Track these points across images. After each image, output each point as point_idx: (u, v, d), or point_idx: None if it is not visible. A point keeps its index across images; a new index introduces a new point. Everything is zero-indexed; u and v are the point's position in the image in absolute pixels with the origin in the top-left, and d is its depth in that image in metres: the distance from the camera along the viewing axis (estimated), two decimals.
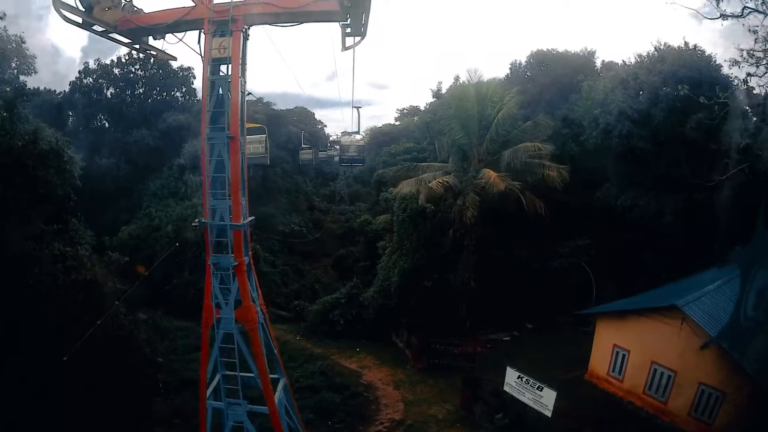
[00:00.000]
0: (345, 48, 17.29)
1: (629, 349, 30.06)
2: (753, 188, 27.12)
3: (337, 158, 61.51)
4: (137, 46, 18.78)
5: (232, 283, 18.70)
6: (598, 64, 56.74)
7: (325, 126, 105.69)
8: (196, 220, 19.70)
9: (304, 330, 44.99)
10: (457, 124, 39.69)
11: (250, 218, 19.22)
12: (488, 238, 38.56)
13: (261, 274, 48.02)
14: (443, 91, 68.85)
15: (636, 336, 29.68)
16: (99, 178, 57.10)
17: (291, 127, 77.86)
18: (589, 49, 57.59)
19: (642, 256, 37.46)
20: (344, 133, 66.52)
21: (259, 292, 20.71)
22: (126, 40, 18.13)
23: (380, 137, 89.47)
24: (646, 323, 28.56)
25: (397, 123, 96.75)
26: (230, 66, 16.96)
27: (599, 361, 32.13)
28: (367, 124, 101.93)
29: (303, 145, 56.66)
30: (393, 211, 43.93)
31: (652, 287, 32.34)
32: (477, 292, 38.16)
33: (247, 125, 19.52)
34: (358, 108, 36.11)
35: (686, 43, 38.26)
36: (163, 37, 18.18)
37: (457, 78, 62.92)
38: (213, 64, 17.06)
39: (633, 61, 41.48)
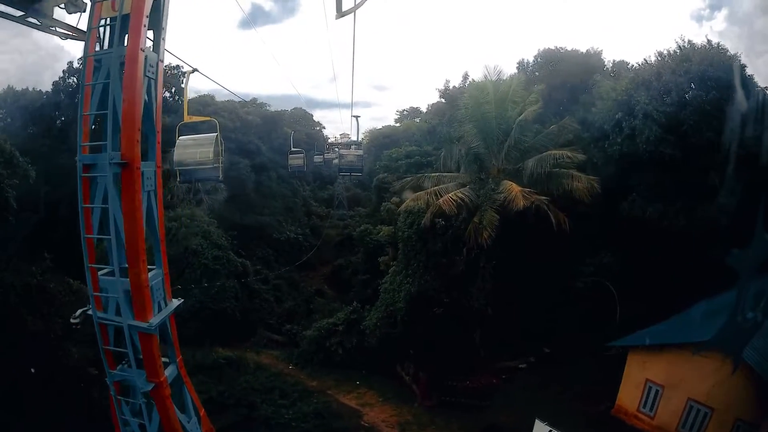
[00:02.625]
0: (340, 14, 11.24)
1: (663, 385, 26.80)
2: None
3: (336, 160, 57.91)
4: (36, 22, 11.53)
5: (146, 417, 11.55)
6: (608, 63, 51.85)
7: (324, 128, 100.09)
8: (77, 312, 11.86)
9: (297, 357, 39.74)
10: (473, 128, 34.47)
11: (176, 303, 12.47)
12: (507, 260, 32.91)
13: (252, 292, 43.56)
14: (451, 90, 63.58)
15: (672, 371, 26.52)
16: (78, 186, 51.83)
17: (287, 129, 71.67)
18: (595, 49, 52.55)
19: (672, 272, 31.96)
20: (343, 135, 61.73)
21: (202, 413, 13.67)
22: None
23: (380, 140, 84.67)
24: (683, 357, 25.46)
25: (398, 125, 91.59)
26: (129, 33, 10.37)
27: (629, 395, 28.63)
28: (366, 125, 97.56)
29: (293, 149, 50.77)
30: (397, 225, 38.82)
31: (684, 307, 27.87)
32: (493, 319, 33.36)
33: (192, 118, 13.79)
34: (357, 117, 35.78)
35: (709, 41, 34.21)
36: (83, 10, 11.37)
37: (466, 76, 59.00)
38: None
39: (653, 60, 36.89)
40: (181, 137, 20.52)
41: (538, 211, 30.16)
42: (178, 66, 61.15)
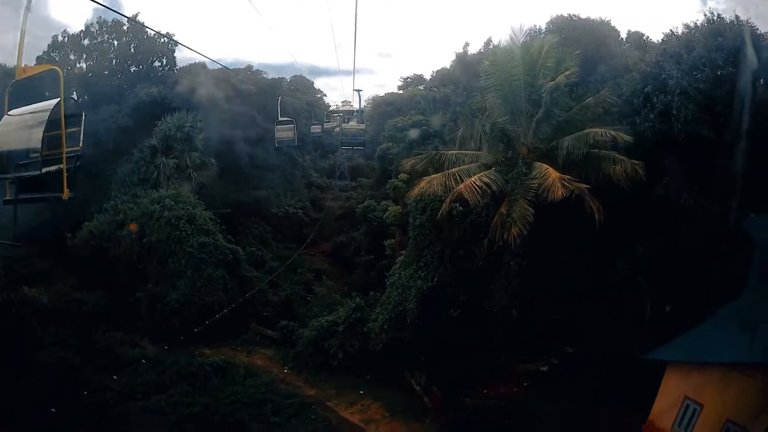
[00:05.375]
0: None
1: (703, 404, 22.65)
2: None
3: (338, 129, 54.14)
4: None
5: None
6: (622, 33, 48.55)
7: (325, 95, 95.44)
8: None
9: (293, 359, 34.25)
10: (499, 99, 28.51)
11: None
12: (535, 256, 27.27)
13: (243, 281, 38.41)
14: (469, 57, 58.95)
15: (714, 389, 22.29)
16: None
17: (286, 98, 65.98)
18: (604, 17, 48.63)
19: (707, 266, 27.63)
20: (345, 103, 57.34)
21: None
22: None
23: (383, 107, 79.21)
24: (727, 374, 21.69)
25: (401, 92, 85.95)
26: None
27: (664, 411, 24.42)
28: (369, 93, 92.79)
29: (280, 119, 45.47)
30: (408, 209, 33.65)
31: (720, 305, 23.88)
32: (516, 321, 28.17)
33: (28, 71, 9.24)
34: (359, 91, 30.82)
35: (737, 17, 30.05)
36: None
37: (488, 41, 54.09)
38: None
39: (681, 31, 32.60)
40: (7, 115, 14.02)
41: (572, 200, 24.92)
42: (168, 33, 55.02)
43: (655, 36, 48.59)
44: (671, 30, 34.39)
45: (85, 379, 28.33)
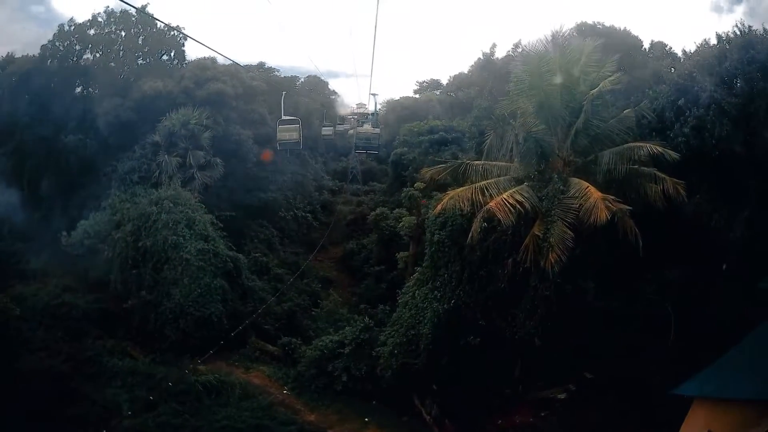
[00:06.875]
0: None
1: None
2: None
3: (351, 131, 52.32)
4: None
5: None
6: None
7: (340, 96, 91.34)
8: None
9: (294, 379, 31.78)
10: (533, 106, 25.51)
11: None
12: (566, 280, 24.48)
13: (245, 290, 36.38)
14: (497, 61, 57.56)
15: (740, 427, 20.18)
16: (63, 158, 46.76)
17: (298, 98, 64.36)
18: (623, 27, 48.52)
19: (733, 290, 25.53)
20: (359, 105, 55.50)
21: None
22: None
23: (399, 110, 77.34)
24: (754, 410, 19.42)
25: (417, 96, 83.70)
26: None
27: None
28: (385, 96, 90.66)
29: (284, 117, 46.44)
30: (426, 223, 31.08)
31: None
32: (539, 349, 25.65)
33: None
34: (375, 95, 33.20)
35: (765, 29, 28.00)
36: None
37: (518, 44, 50.98)
38: None
39: (713, 42, 30.92)
40: None
41: (609, 222, 22.12)
42: (178, 26, 52.67)
43: (677, 47, 48.06)
44: (705, 40, 33.00)
45: (70, 389, 26.48)
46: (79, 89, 53.60)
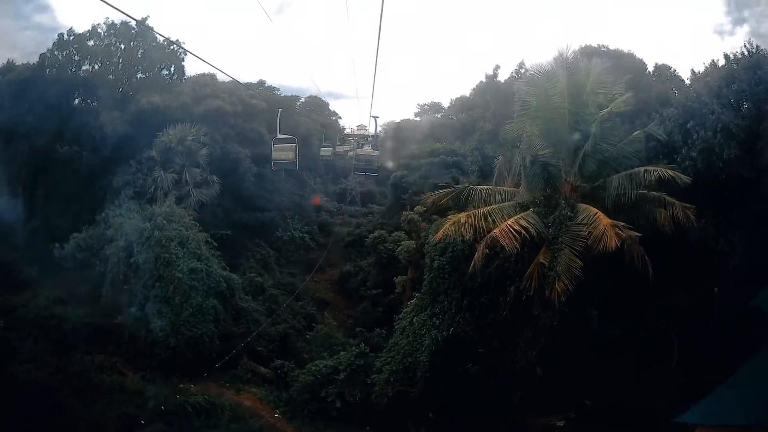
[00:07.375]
0: None
1: None
2: None
3: (351, 152, 52.12)
4: None
5: None
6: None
7: (340, 117, 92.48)
8: None
9: (286, 403, 31.14)
10: (539, 129, 24.90)
11: None
12: (570, 309, 23.43)
13: (238, 311, 35.60)
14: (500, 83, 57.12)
15: None
16: (58, 169, 46.35)
17: (299, 118, 64.76)
18: (627, 50, 48.78)
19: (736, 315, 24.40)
20: (360, 127, 55.51)
21: None
22: None
23: (399, 133, 76.13)
24: None
25: (417, 119, 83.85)
26: None
27: None
28: (385, 119, 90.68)
29: (279, 135, 44.63)
30: (426, 250, 30.19)
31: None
32: (540, 379, 24.80)
33: None
34: (376, 117, 36.70)
35: None
36: None
37: (521, 65, 51.13)
38: None
39: (722, 63, 30.55)
40: None
41: (617, 249, 21.33)
42: (178, 41, 52.52)
43: (680, 69, 48.21)
44: (713, 60, 32.87)
45: (57, 402, 25.82)
46: (77, 100, 53.11)
